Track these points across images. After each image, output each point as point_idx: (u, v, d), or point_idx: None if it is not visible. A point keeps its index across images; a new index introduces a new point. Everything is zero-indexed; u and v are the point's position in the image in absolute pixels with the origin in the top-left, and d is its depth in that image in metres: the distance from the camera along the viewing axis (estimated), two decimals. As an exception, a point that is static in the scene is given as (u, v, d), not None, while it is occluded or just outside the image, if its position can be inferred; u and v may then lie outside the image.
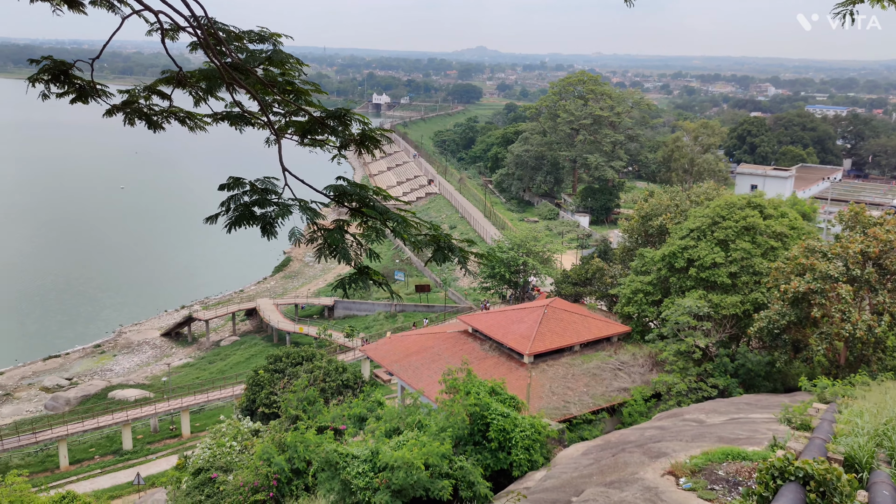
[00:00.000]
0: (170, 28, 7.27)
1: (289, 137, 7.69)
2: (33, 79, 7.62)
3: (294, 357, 41.25)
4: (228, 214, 6.79)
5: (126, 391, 54.24)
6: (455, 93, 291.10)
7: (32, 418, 50.32)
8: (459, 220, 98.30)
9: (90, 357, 64.77)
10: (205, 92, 8.00)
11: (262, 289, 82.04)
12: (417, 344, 38.26)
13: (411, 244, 6.70)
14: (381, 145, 7.18)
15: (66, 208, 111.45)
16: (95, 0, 8.07)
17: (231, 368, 58.36)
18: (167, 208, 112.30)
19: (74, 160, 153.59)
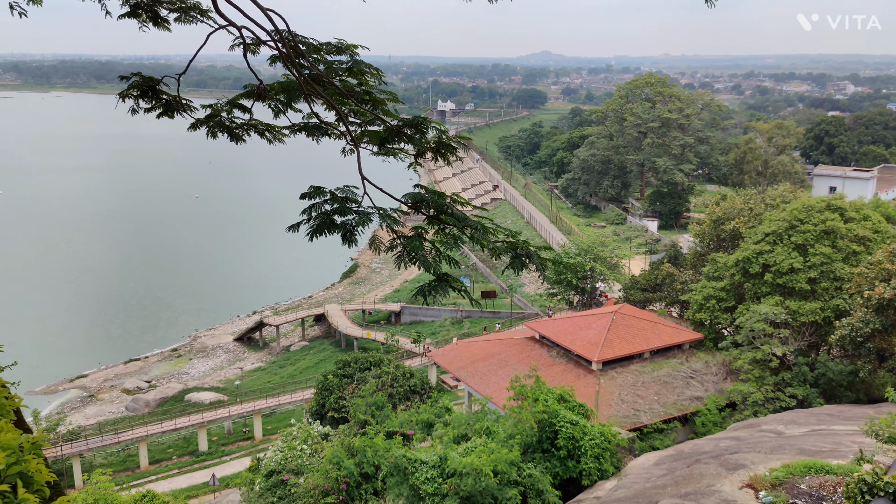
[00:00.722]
0: (252, 42, 7.50)
1: (365, 147, 7.82)
2: (123, 94, 7.97)
3: (362, 362, 41.80)
4: (310, 223, 6.95)
5: (201, 394, 55.94)
6: (519, 98, 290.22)
7: (115, 419, 52.45)
8: (525, 226, 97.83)
9: (168, 360, 67.10)
10: (284, 104, 8.22)
11: (331, 295, 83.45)
12: (484, 350, 38.20)
13: (490, 251, 6.72)
14: (456, 152, 7.23)
15: (146, 217, 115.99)
16: (180, 17, 8.41)
17: (301, 373, 59.54)
18: (239, 216, 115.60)
19: (152, 171, 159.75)
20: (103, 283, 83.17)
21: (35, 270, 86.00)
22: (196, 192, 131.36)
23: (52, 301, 76.62)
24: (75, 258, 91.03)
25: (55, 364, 61.51)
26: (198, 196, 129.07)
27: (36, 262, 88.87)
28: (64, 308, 75.53)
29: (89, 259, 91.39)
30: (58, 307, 75.41)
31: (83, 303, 77.68)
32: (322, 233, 6.90)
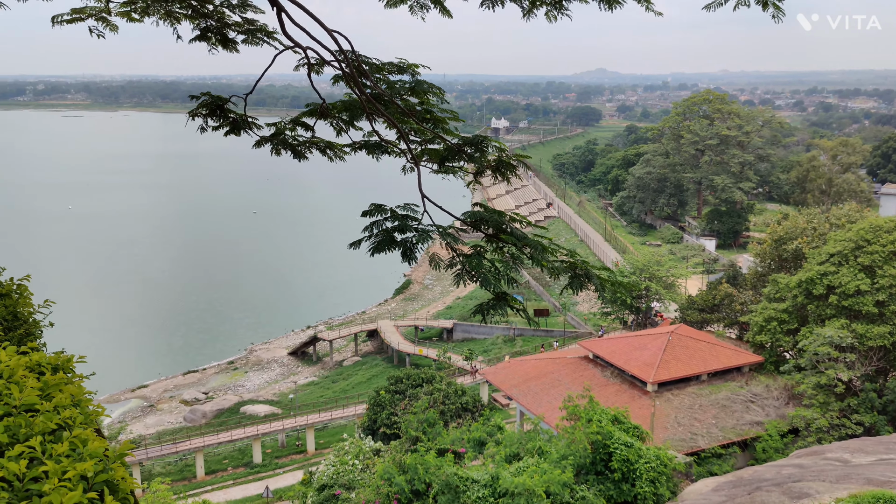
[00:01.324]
0: (316, 63, 7.67)
1: (425, 165, 7.89)
2: (193, 113, 8.23)
3: (414, 379, 41.87)
4: (371, 240, 7.03)
5: (256, 407, 56.82)
6: (574, 115, 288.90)
7: (173, 429, 53.67)
8: (579, 244, 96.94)
9: (224, 373, 68.46)
10: (346, 123, 8.37)
11: (383, 310, 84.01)
12: (536, 369, 37.87)
13: (548, 270, 6.68)
14: (516, 171, 7.24)
15: (207, 232, 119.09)
16: (247, 39, 8.67)
17: (353, 388, 59.97)
18: (295, 232, 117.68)
19: (212, 187, 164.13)
20: (166, 296, 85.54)
21: (102, 283, 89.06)
22: (254, 209, 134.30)
23: (118, 312, 79.15)
24: (140, 271, 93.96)
25: (118, 373, 63.36)
26: (255, 212, 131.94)
27: (103, 275, 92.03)
28: (129, 319, 77.92)
29: (153, 272, 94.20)
30: (123, 318, 77.85)
31: (147, 315, 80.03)
32: (383, 249, 6.98)
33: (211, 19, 8.31)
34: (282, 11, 6.43)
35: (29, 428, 2.47)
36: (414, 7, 8.85)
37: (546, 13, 7.80)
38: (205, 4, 8.20)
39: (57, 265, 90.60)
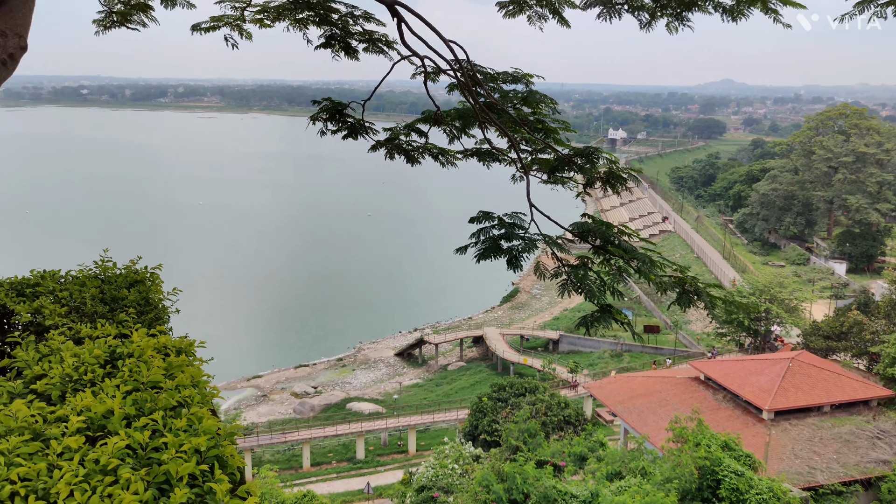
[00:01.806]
0: (432, 71, 7.86)
1: (535, 174, 7.91)
2: (314, 117, 8.63)
3: (517, 387, 41.73)
4: (478, 246, 7.12)
5: (361, 404, 58.30)
6: (695, 127, 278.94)
7: (283, 420, 55.95)
8: (694, 261, 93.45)
9: (333, 369, 70.70)
10: (459, 130, 8.51)
11: (490, 318, 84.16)
12: (643, 387, 36.81)
13: (655, 285, 6.54)
14: (626, 183, 7.13)
15: (324, 231, 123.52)
16: (368, 47, 9.01)
17: (456, 393, 60.40)
18: (407, 235, 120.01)
19: (330, 188, 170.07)
20: (284, 292, 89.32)
21: (226, 275, 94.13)
22: (369, 211, 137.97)
23: (240, 304, 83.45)
24: (261, 266, 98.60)
25: (236, 362, 66.66)
26: (370, 214, 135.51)
27: (227, 268, 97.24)
28: (249, 311, 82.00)
29: (273, 268, 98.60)
30: (243, 310, 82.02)
31: (266, 308, 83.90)
32: (489, 256, 7.05)
33: (336, 27, 8.68)
34: (401, 22, 6.64)
35: (153, 403, 2.74)
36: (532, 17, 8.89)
37: (667, 25, 7.65)
38: (331, 13, 8.58)
39: (186, 256, 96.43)
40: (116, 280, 4.73)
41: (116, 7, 8.65)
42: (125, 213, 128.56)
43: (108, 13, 8.74)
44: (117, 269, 4.98)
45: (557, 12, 8.58)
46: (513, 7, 8.80)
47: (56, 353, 3.28)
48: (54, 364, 3.15)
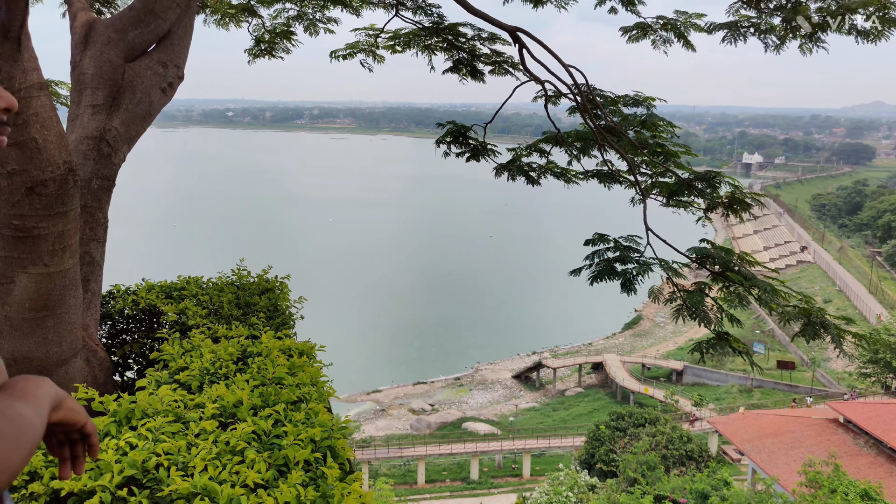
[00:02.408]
0: (553, 95, 7.98)
1: (654, 197, 7.82)
2: (440, 140, 8.96)
3: (637, 417, 40.47)
4: (592, 268, 7.13)
5: (477, 424, 58.42)
6: (840, 153, 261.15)
7: (399, 435, 56.99)
8: (836, 294, 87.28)
9: (450, 388, 71.32)
10: (579, 151, 8.57)
11: (610, 344, 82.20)
12: (775, 425, 34.73)
13: (778, 315, 6.29)
14: (751, 209, 6.92)
15: (446, 251, 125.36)
16: (494, 70, 9.27)
17: (573, 419, 59.32)
18: (528, 257, 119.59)
19: (453, 209, 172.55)
20: (406, 309, 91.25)
21: (350, 290, 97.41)
22: (491, 232, 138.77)
23: (363, 319, 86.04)
24: (385, 283, 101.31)
25: (357, 375, 68.68)
26: (492, 235, 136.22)
27: (352, 283, 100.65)
28: (371, 326, 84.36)
29: (396, 286, 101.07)
30: (366, 324, 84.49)
31: (388, 324, 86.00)
32: (602, 278, 7.04)
33: (463, 51, 9.00)
34: (523, 47, 6.82)
35: (277, 396, 3.05)
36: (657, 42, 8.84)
37: (800, 46, 7.40)
38: (458, 38, 8.92)
39: (313, 269, 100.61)
40: (250, 287, 5.21)
41: (265, 37, 9.39)
42: (261, 227, 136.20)
43: (258, 42, 9.50)
44: (251, 278, 5.47)
45: (683, 36, 8.49)
46: (636, 32, 8.79)
47: (197, 349, 3.72)
48: (195, 358, 3.57)
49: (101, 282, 4.58)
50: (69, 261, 3.82)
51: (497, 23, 6.67)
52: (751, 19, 7.76)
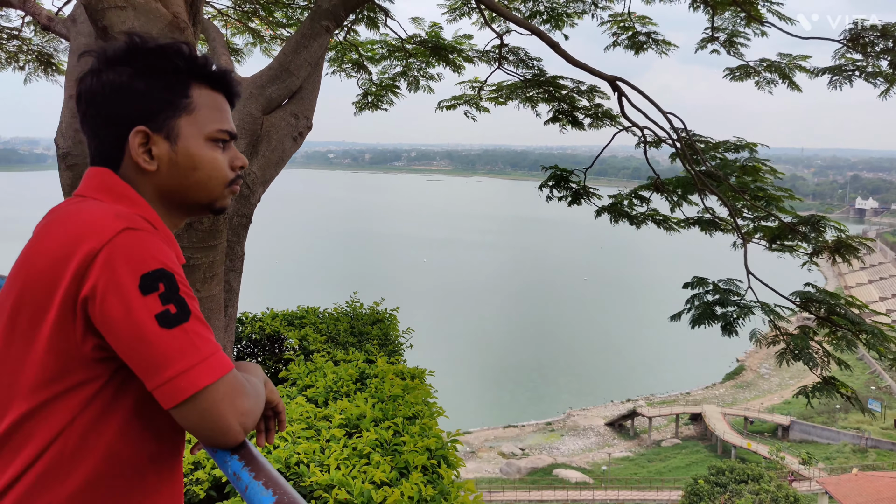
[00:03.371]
0: (652, 141, 8.16)
1: (756, 242, 7.82)
2: (543, 184, 9.27)
3: (738, 473, 38.65)
4: (691, 312, 7.19)
5: (568, 472, 57.14)
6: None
7: (489, 478, 56.43)
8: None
9: (541, 432, 70.19)
10: (679, 197, 8.67)
11: (710, 395, 78.93)
12: (892, 489, 32.41)
13: (890, 362, 6.15)
14: (858, 253, 6.82)
15: (540, 294, 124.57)
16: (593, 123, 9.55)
17: (670, 471, 57.12)
18: (623, 301, 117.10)
19: (548, 251, 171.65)
20: (498, 351, 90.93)
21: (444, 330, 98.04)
22: (586, 275, 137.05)
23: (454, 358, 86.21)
24: (477, 323, 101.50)
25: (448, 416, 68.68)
26: (587, 279, 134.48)
27: (445, 323, 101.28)
28: (463, 367, 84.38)
29: (489, 326, 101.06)
30: (457, 364, 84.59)
31: (479, 365, 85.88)
32: (702, 322, 7.07)
33: (563, 102, 9.34)
34: (622, 95, 7.07)
35: (395, 411, 3.39)
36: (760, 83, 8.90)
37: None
38: (558, 90, 9.27)
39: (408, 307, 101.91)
40: (363, 317, 5.69)
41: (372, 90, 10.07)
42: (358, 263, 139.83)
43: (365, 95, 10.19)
44: (363, 309, 5.93)
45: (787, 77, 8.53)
46: (739, 73, 8.89)
47: (320, 370, 4.16)
48: (319, 378, 3.99)
49: (237, 308, 5.12)
50: (215, 288, 4.34)
51: (597, 73, 6.95)
52: (856, 62, 7.74)
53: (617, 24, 9.33)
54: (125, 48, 1.33)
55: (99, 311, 1.14)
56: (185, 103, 1.34)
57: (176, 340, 1.15)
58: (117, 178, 1.32)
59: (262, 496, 1.13)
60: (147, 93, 1.31)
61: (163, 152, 1.33)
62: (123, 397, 1.23)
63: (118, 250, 1.15)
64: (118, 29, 3.51)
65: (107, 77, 1.31)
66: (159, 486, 1.31)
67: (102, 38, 3.63)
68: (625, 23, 9.25)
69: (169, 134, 1.33)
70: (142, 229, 1.19)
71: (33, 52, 10.04)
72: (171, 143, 1.34)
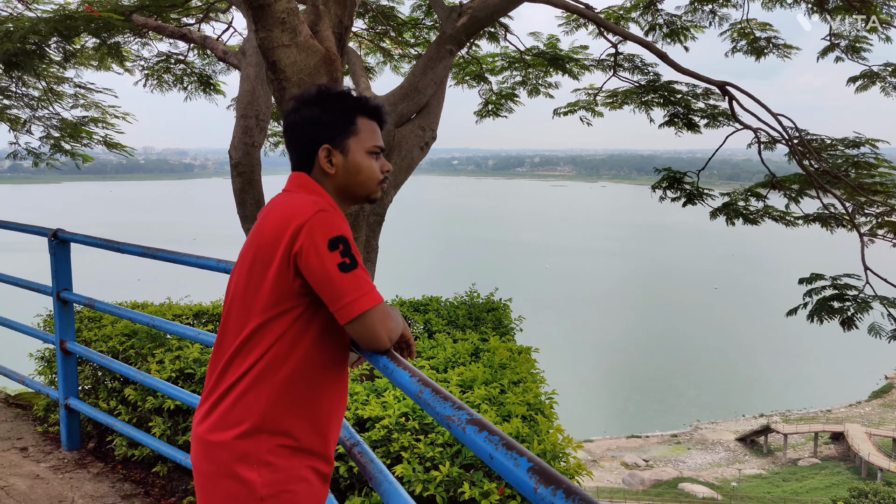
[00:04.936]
0: (766, 141, 8.27)
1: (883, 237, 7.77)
2: (655, 186, 9.54)
3: (883, 496, 36.24)
4: (808, 307, 7.30)
5: (695, 486, 55.27)
6: None
7: (610, 488, 55.57)
8: None
9: (666, 444, 68.24)
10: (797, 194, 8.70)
11: (854, 413, 73.76)
12: None
13: None
14: None
15: (666, 302, 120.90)
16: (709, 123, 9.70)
17: (807, 492, 54.01)
18: (756, 312, 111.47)
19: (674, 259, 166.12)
20: (622, 360, 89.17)
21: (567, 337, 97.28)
22: (715, 284, 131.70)
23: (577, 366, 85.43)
24: (601, 332, 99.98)
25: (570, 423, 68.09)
26: (716, 287, 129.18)
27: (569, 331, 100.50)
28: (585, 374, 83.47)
29: (613, 335, 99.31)
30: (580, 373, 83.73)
31: (603, 373, 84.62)
32: (818, 315, 7.17)
33: (678, 106, 9.56)
34: (732, 99, 7.27)
35: (502, 376, 3.98)
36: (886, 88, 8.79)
37: None
38: (673, 94, 9.51)
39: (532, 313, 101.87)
40: (479, 306, 6.34)
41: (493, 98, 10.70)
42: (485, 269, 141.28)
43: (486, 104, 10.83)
44: (480, 299, 6.59)
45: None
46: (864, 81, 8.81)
47: (441, 345, 4.85)
48: (440, 351, 4.68)
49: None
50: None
51: (706, 79, 7.19)
52: None
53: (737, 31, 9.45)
54: (316, 94, 2.02)
55: (304, 262, 1.80)
56: (353, 129, 2.02)
57: (349, 281, 1.81)
58: (310, 179, 2.01)
59: (402, 375, 1.76)
60: (330, 123, 2.00)
61: (339, 162, 2.01)
62: (315, 319, 1.91)
63: (315, 223, 1.80)
64: (285, 63, 4.34)
65: (304, 113, 2.01)
66: (333, 383, 2.00)
67: (272, 72, 4.46)
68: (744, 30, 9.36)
69: (343, 149, 2.01)
70: (329, 211, 1.84)
71: (195, 75, 11.42)
72: (345, 156, 2.01)
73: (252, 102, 6.62)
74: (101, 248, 4.38)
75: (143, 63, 11.22)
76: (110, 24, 8.53)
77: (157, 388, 4.03)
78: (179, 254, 3.80)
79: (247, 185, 6.39)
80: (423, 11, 11.05)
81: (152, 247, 4.02)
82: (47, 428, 5.27)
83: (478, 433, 1.42)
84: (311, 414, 1.92)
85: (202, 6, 10.27)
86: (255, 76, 6.70)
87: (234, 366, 1.89)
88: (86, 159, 13.14)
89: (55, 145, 12.81)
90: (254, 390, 1.85)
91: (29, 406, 5.83)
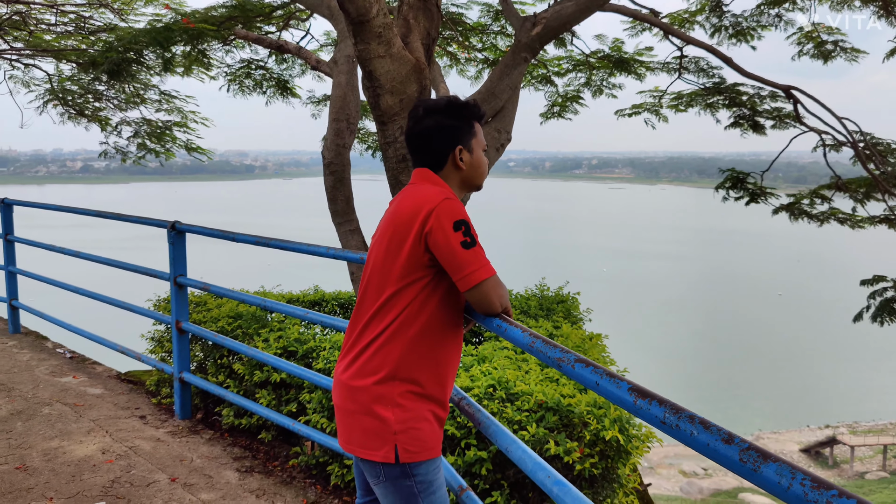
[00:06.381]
0: (831, 144, 8.40)
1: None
2: (718, 186, 9.72)
3: (955, 511, 34.80)
4: (871, 310, 7.42)
5: (756, 497, 54.02)
6: None
7: (667, 496, 54.80)
8: None
9: (727, 452, 66.71)
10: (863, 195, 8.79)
11: (926, 426, 70.88)
12: None
13: None
14: None
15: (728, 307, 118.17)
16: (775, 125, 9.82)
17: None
18: (824, 319, 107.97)
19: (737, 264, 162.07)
20: (681, 367, 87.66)
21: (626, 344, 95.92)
22: (780, 290, 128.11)
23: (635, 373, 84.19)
24: (662, 338, 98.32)
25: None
26: (780, 294, 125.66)
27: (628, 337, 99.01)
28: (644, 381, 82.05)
29: (671, 341, 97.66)
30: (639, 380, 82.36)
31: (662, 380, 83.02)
32: (881, 316, 7.28)
33: (744, 107, 9.72)
34: (797, 103, 7.44)
35: None
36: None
37: None
38: (739, 96, 9.67)
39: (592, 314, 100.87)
40: (549, 298, 6.69)
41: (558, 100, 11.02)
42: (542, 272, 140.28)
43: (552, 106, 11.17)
44: (550, 292, 6.94)
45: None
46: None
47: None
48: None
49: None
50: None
51: (771, 83, 7.38)
52: None
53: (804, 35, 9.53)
54: (445, 104, 2.42)
55: (433, 240, 2.20)
56: (472, 131, 2.45)
57: (469, 255, 2.21)
58: (432, 173, 2.42)
59: (515, 332, 2.17)
60: (460, 127, 2.42)
61: (467, 159, 2.44)
62: (439, 287, 2.34)
63: (442, 209, 2.20)
64: (380, 72, 4.81)
65: (428, 121, 2.41)
66: (451, 341, 2.43)
67: (368, 80, 4.94)
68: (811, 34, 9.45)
69: (469, 148, 2.44)
70: (452, 199, 2.25)
71: (274, 79, 12.09)
72: (470, 154, 2.44)
73: (343, 107, 7.15)
74: (217, 237, 4.93)
75: (227, 69, 11.95)
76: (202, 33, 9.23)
77: (267, 361, 4.54)
78: (291, 242, 4.30)
79: (338, 183, 6.92)
80: (490, 17, 11.45)
81: (265, 236, 4.54)
82: (160, 400, 5.88)
83: (584, 368, 1.85)
84: (433, 366, 2.34)
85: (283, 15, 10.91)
86: (346, 83, 7.23)
87: (372, 325, 2.31)
88: (168, 156, 14.05)
89: (142, 145, 13.72)
90: (389, 345, 2.28)
91: (140, 382, 6.47)
